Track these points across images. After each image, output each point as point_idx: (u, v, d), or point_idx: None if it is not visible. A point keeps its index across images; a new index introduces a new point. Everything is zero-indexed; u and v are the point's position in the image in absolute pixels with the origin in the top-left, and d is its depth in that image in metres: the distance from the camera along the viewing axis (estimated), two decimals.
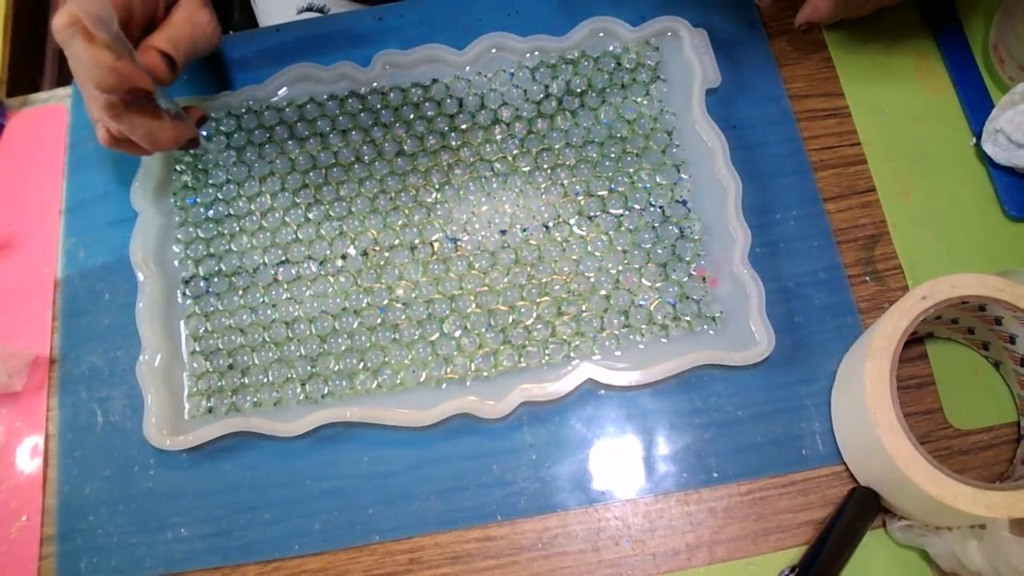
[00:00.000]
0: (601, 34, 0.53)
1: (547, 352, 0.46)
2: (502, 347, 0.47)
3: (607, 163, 0.50)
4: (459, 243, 0.49)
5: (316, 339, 0.47)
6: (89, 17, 0.37)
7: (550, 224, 0.49)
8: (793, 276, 0.48)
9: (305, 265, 0.49)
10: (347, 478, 0.46)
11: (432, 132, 0.51)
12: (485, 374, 0.46)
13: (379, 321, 0.47)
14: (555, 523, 0.44)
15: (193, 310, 0.48)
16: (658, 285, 0.47)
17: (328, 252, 0.49)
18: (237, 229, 0.50)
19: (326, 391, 0.46)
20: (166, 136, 0.45)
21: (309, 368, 0.47)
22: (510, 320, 0.47)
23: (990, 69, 0.52)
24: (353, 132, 0.51)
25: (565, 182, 0.50)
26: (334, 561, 0.44)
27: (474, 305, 0.47)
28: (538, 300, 0.47)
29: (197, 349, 0.47)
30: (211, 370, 0.47)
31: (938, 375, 0.46)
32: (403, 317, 0.47)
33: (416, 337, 0.47)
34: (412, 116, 0.52)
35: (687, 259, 0.48)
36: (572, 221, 0.49)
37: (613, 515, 0.44)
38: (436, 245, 0.49)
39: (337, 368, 0.47)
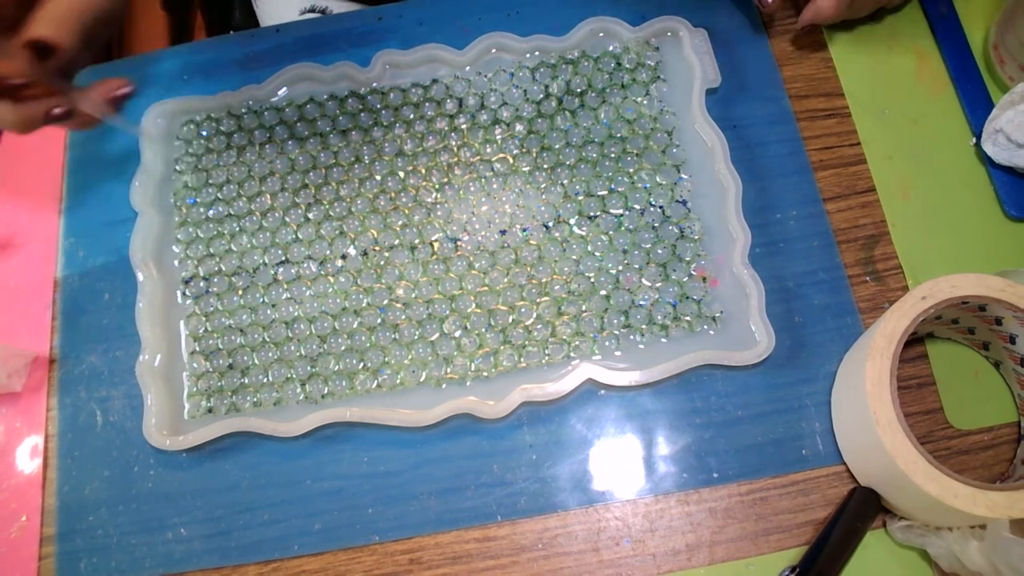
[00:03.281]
0: (601, 34, 0.53)
1: (547, 352, 0.46)
2: (502, 347, 0.47)
3: (607, 163, 0.50)
4: (459, 243, 0.49)
5: (316, 339, 0.47)
6: None
7: (550, 224, 0.49)
8: (793, 276, 0.48)
9: (305, 265, 0.49)
10: (347, 478, 0.46)
11: (432, 132, 0.51)
12: (485, 374, 0.46)
13: (379, 321, 0.47)
14: (555, 523, 0.44)
15: (193, 310, 0.48)
16: (658, 285, 0.47)
17: (328, 252, 0.49)
18: (237, 229, 0.50)
19: (326, 391, 0.46)
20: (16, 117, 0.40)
21: (309, 368, 0.47)
22: (510, 320, 0.47)
23: (990, 69, 0.52)
24: (353, 132, 0.51)
25: (565, 182, 0.50)
26: (334, 561, 0.44)
27: (474, 305, 0.47)
28: (538, 300, 0.47)
29: (197, 349, 0.47)
30: (211, 370, 0.47)
31: (938, 375, 0.46)
32: (403, 317, 0.47)
33: (416, 337, 0.47)
34: (412, 116, 0.51)
35: (687, 259, 0.48)
36: (572, 221, 0.49)
37: (613, 515, 0.44)
38: (436, 245, 0.49)
39: (337, 368, 0.47)
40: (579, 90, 0.51)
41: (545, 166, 0.50)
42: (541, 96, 0.52)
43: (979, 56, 0.52)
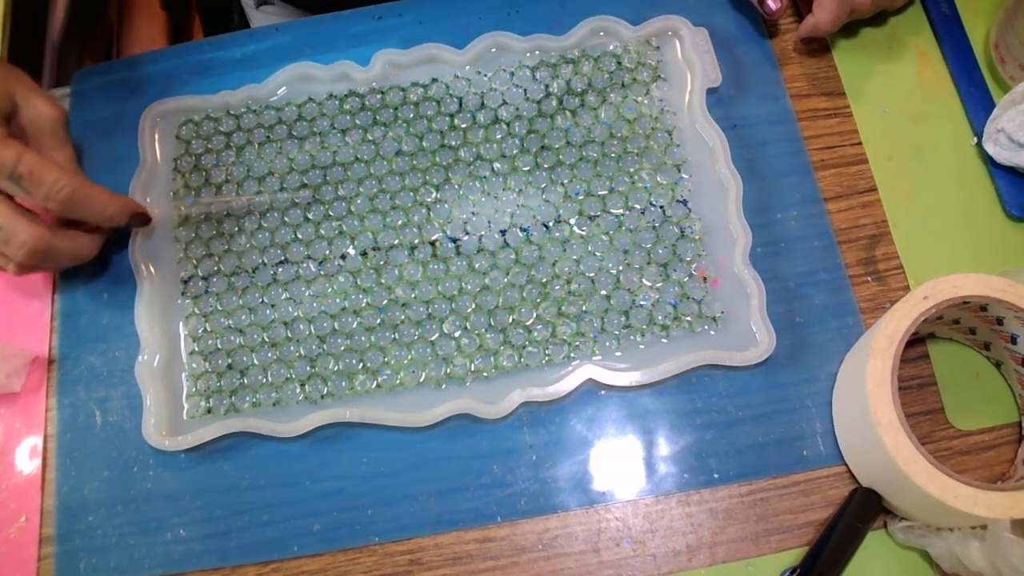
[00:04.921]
0: (601, 33, 0.53)
1: (547, 352, 0.46)
2: (502, 347, 0.46)
3: (607, 162, 0.50)
4: (459, 243, 0.49)
5: (315, 339, 0.47)
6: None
7: (550, 224, 0.49)
8: (794, 276, 0.48)
9: (304, 265, 0.49)
10: (346, 479, 0.45)
11: (432, 131, 0.51)
12: (485, 374, 0.46)
13: (378, 321, 0.47)
14: (555, 524, 0.44)
15: (192, 310, 0.48)
16: (658, 285, 0.47)
17: (327, 252, 0.49)
18: (236, 229, 0.50)
19: (325, 391, 0.46)
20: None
21: (308, 368, 0.47)
22: (510, 320, 0.47)
23: (991, 68, 0.51)
24: (352, 131, 0.51)
25: (565, 182, 0.49)
26: (333, 562, 0.44)
27: (474, 305, 0.47)
28: (538, 300, 0.47)
29: (196, 349, 0.47)
30: (210, 370, 0.47)
31: (939, 375, 0.46)
32: (402, 317, 0.47)
33: (416, 337, 0.47)
34: (411, 115, 0.51)
35: (688, 259, 0.47)
36: (572, 221, 0.49)
37: (614, 516, 0.44)
38: (436, 245, 0.49)
39: (336, 368, 0.47)
40: (579, 89, 0.51)
41: (545, 165, 0.50)
42: (541, 95, 0.51)
43: (980, 55, 0.52)
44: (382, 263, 0.48)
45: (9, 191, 0.42)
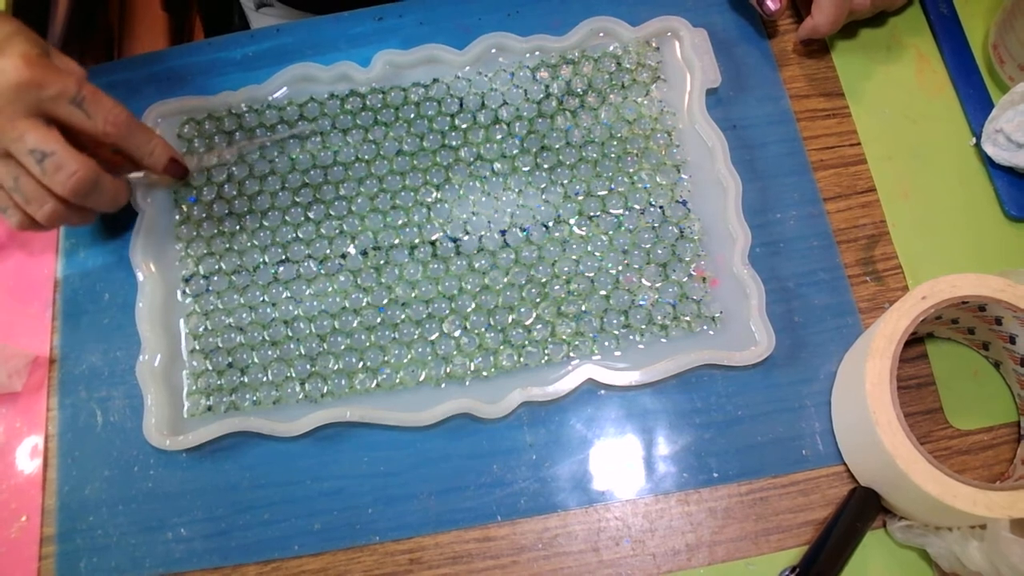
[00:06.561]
0: (601, 34, 0.53)
1: (547, 352, 0.46)
2: (502, 347, 0.47)
3: (607, 163, 0.50)
4: (459, 243, 0.49)
5: (315, 338, 0.47)
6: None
7: (550, 224, 0.49)
8: (793, 276, 0.48)
9: (305, 264, 0.49)
10: (347, 478, 0.46)
11: (432, 132, 0.51)
12: (484, 374, 0.46)
13: (378, 320, 0.47)
14: (555, 523, 0.44)
15: (193, 308, 0.48)
16: (658, 285, 0.47)
17: (328, 251, 0.49)
18: (237, 228, 0.50)
19: (325, 390, 0.46)
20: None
21: (308, 367, 0.47)
22: (510, 320, 0.47)
23: (990, 69, 0.52)
24: (353, 131, 0.51)
25: (565, 182, 0.50)
26: (334, 561, 0.44)
27: (473, 305, 0.47)
28: (538, 300, 0.47)
29: (197, 347, 0.47)
30: (210, 368, 0.47)
31: (938, 375, 0.46)
32: (402, 316, 0.47)
33: (415, 336, 0.47)
34: (412, 115, 0.51)
35: (687, 259, 0.48)
36: (572, 221, 0.49)
37: (613, 515, 0.44)
38: (436, 244, 0.49)
39: (336, 367, 0.47)
40: (579, 90, 0.51)
41: (545, 166, 0.50)
42: (541, 96, 0.52)
43: (979, 56, 0.52)
44: (382, 262, 0.49)
45: (68, 116, 0.42)
